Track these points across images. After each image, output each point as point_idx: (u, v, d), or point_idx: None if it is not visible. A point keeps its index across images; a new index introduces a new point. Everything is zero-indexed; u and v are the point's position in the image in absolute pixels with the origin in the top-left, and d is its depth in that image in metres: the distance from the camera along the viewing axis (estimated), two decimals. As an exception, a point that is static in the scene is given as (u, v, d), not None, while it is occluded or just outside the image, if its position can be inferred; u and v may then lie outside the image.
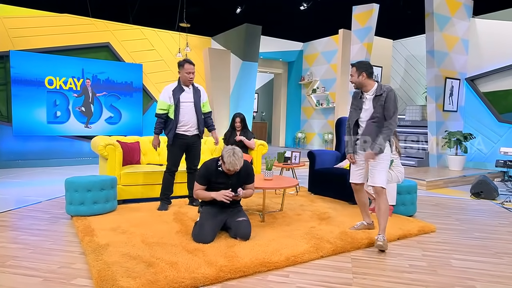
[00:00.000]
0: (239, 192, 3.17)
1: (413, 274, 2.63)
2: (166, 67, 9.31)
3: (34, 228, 3.44)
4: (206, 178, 3.23)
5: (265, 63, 11.34)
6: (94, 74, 8.05)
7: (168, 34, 9.30)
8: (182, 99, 4.13)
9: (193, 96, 4.20)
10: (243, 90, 9.38)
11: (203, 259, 2.68)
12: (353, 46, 8.92)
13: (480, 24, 8.04)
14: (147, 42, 9.05)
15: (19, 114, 7.28)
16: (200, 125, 4.24)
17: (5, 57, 7.25)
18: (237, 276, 2.49)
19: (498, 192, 5.47)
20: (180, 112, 4.11)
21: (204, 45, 9.76)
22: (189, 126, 4.17)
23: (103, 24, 8.40)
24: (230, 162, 3.06)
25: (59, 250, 2.92)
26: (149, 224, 3.55)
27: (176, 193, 4.64)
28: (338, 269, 2.68)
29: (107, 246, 2.90)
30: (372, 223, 3.53)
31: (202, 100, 4.29)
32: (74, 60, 7.84)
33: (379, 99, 3.18)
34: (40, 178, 6.18)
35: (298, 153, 5.30)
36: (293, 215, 3.98)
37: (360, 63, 3.27)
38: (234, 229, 3.13)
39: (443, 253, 3.06)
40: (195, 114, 4.20)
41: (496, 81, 7.79)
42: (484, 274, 2.67)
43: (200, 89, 4.29)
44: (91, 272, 2.48)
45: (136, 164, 4.84)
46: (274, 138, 12.50)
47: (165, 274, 2.41)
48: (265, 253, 2.81)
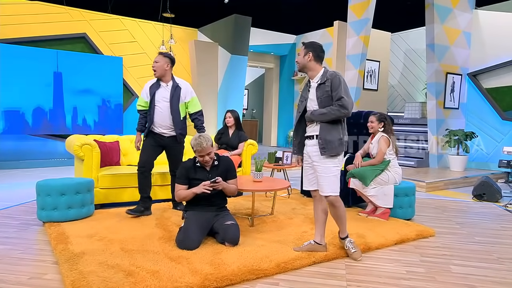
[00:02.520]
0: (218, 179, 3.19)
1: (410, 281, 2.66)
2: (148, 61, 9.24)
3: (1, 236, 3.38)
4: (185, 176, 3.32)
5: (256, 57, 11.36)
6: (70, 68, 7.96)
7: (151, 25, 9.25)
8: (157, 97, 3.99)
9: (170, 94, 3.99)
10: (232, 86, 9.39)
11: (187, 267, 2.67)
12: (349, 39, 8.97)
13: (483, 16, 8.12)
14: (127, 34, 8.98)
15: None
16: (177, 127, 4.03)
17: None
18: (224, 285, 2.49)
19: (501, 194, 5.56)
20: (154, 111, 3.98)
21: (189, 37, 9.73)
22: (163, 128, 4.02)
23: (78, 13, 8.32)
24: (196, 143, 3.17)
25: (29, 260, 2.88)
26: (129, 230, 3.52)
27: (158, 196, 4.63)
28: (331, 276, 2.70)
29: (83, 255, 2.87)
30: (324, 245, 3.06)
31: (184, 99, 4.08)
32: (47, 52, 7.74)
33: (323, 88, 2.89)
34: (9, 181, 6.08)
35: (290, 153, 5.32)
36: (285, 219, 3.99)
37: (310, 43, 3.00)
38: (222, 234, 3.14)
39: (442, 259, 3.10)
40: (170, 115, 4.00)
41: (500, 77, 7.88)
42: (485, 281, 2.72)
43: (182, 86, 4.07)
44: (65, 283, 2.45)
45: (115, 166, 4.80)
46: (265, 137, 12.53)
47: (146, 284, 2.40)
48: (254, 259, 2.82)
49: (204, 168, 3.34)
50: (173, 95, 3.98)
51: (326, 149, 2.86)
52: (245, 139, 5.25)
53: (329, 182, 2.89)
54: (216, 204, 3.34)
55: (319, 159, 2.91)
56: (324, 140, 2.88)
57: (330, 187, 2.89)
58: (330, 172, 2.90)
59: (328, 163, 2.90)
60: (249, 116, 14.00)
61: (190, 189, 3.26)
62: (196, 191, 3.21)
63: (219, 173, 3.33)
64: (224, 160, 3.44)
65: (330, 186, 2.89)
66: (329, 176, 2.90)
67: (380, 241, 3.32)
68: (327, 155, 2.88)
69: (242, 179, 4.11)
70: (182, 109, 4.10)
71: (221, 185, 3.22)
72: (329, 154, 2.87)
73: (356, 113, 5.16)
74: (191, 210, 3.31)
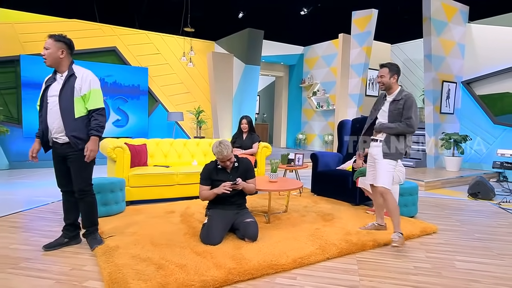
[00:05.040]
0: (238, 181, 3.14)
1: (418, 276, 2.58)
2: (171, 70, 9.27)
3: (45, 230, 3.39)
4: (208, 177, 3.26)
5: (267, 66, 11.30)
6: (102, 77, 8.00)
7: (173, 39, 9.25)
8: (49, 92, 2.80)
9: (62, 87, 2.75)
10: (245, 92, 9.34)
11: (212, 261, 2.63)
12: (352, 50, 8.87)
13: (475, 29, 8.00)
14: (152, 46, 9.00)
15: (29, 117, 7.22)
16: (68, 129, 2.74)
17: (15, 61, 7.20)
18: (246, 279, 2.44)
19: (494, 193, 5.42)
20: (47, 110, 2.79)
21: (208, 49, 9.71)
22: (54, 131, 2.80)
23: (110, 29, 8.36)
24: (217, 151, 3.12)
25: (70, 252, 2.87)
26: (157, 226, 3.49)
27: (180, 194, 4.59)
28: (344, 271, 2.63)
29: (117, 248, 2.84)
30: (384, 225, 3.41)
31: (80, 91, 2.77)
32: (82, 64, 7.73)
33: (396, 104, 3.08)
34: (49, 179, 6.11)
35: (301, 155, 5.25)
36: (298, 217, 3.92)
37: (392, 65, 3.17)
38: (242, 230, 3.09)
39: (446, 255, 3.01)
40: (59, 112, 2.74)
41: (491, 85, 7.75)
42: (488, 276, 2.62)
43: (78, 75, 2.80)
44: (102, 274, 2.43)
45: (143, 166, 4.79)
46: (275, 139, 12.44)
47: (175, 277, 2.36)
48: (272, 255, 2.76)
49: (225, 169, 3.29)
50: (63, 86, 2.75)
51: (388, 155, 3.09)
52: (257, 140, 5.23)
53: (383, 176, 3.09)
54: (236, 203, 3.28)
55: (380, 158, 3.12)
56: (388, 147, 3.09)
57: (382, 181, 3.09)
58: (385, 169, 3.10)
59: (386, 163, 3.10)
60: (260, 120, 13.93)
61: (212, 190, 3.21)
62: (217, 192, 3.15)
63: (239, 174, 3.27)
64: (243, 162, 3.38)
65: (382, 180, 3.09)
66: (384, 172, 3.09)
67: (387, 238, 3.22)
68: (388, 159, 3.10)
69: (259, 179, 4.04)
70: (79, 105, 2.78)
71: (241, 186, 3.17)
72: (389, 158, 3.08)
73: (361, 118, 5.09)
74: (213, 208, 3.26)
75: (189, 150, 5.41)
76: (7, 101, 7.24)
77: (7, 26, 7.19)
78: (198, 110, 9.34)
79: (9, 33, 7.20)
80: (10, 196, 4.78)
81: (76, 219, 3.02)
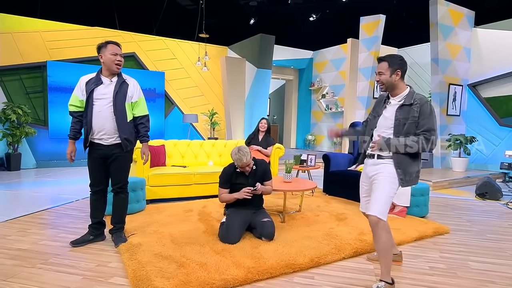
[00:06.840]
0: (257, 186, 3.09)
1: (434, 276, 2.49)
2: (186, 75, 9.25)
3: (71, 227, 3.38)
4: (227, 181, 3.20)
5: (278, 70, 11.21)
6: (122, 81, 8.01)
7: (188, 44, 9.24)
8: (96, 95, 2.75)
9: (114, 91, 2.76)
10: (257, 95, 9.27)
11: (231, 260, 2.58)
12: (360, 54, 8.74)
13: (481, 33, 7.81)
14: (169, 52, 9.00)
15: (54, 119, 7.28)
16: (122, 132, 2.79)
17: (42, 67, 7.27)
18: (265, 278, 2.39)
19: (502, 193, 5.26)
20: (92, 112, 2.75)
21: (221, 54, 9.67)
22: (103, 133, 2.79)
23: (129, 36, 8.38)
24: (236, 158, 3.07)
25: (95, 249, 2.85)
26: (177, 224, 3.46)
27: (197, 193, 4.55)
28: (361, 271, 2.55)
29: (140, 246, 2.81)
30: (399, 253, 2.68)
31: (131, 98, 2.85)
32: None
33: (409, 111, 2.19)
34: (74, 177, 6.16)
35: (314, 156, 5.17)
36: (312, 216, 3.84)
37: (393, 58, 2.24)
38: (259, 229, 3.03)
39: (460, 255, 2.91)
40: (113, 116, 2.76)
41: (497, 87, 7.54)
42: (503, 277, 2.51)
43: (129, 83, 2.86)
44: (127, 271, 2.40)
45: (162, 166, 4.77)
46: (286, 140, 12.35)
47: (197, 275, 2.32)
48: (289, 254, 2.69)
49: (244, 173, 3.22)
50: (117, 92, 2.78)
51: (404, 181, 2.22)
52: (272, 143, 5.12)
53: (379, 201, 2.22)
54: (254, 203, 3.22)
55: (380, 178, 2.25)
56: (403, 171, 2.21)
57: (377, 207, 2.21)
58: (385, 193, 2.23)
59: (388, 184, 2.23)
60: (271, 122, 13.84)
61: (232, 194, 3.15)
62: (237, 197, 3.10)
63: (257, 177, 3.21)
64: (261, 164, 3.31)
65: (377, 206, 2.21)
66: (382, 196, 2.22)
67: (401, 238, 3.14)
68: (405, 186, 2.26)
69: (274, 180, 3.98)
70: (129, 110, 2.86)
71: (260, 190, 3.12)
72: (408, 185, 2.25)
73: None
74: (232, 207, 3.21)
75: (205, 151, 5.37)
76: (34, 104, 7.32)
77: (35, 34, 7.27)
78: (212, 112, 9.32)
79: (37, 41, 7.27)
80: (38, 193, 4.81)
81: (102, 218, 3.03)
